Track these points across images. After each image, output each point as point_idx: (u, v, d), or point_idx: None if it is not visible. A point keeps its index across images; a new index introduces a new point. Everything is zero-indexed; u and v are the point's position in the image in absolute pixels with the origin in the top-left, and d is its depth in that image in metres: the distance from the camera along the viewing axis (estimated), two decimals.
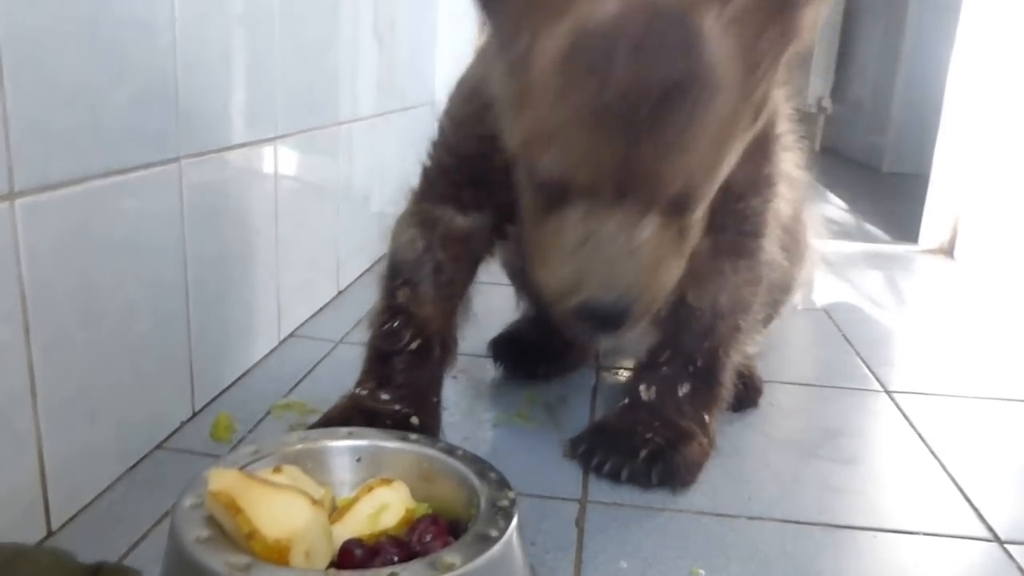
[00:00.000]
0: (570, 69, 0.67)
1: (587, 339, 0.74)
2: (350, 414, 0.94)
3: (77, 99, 0.76)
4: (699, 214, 0.76)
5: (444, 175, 0.95)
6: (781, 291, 1.12)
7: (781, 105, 0.93)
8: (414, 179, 1.01)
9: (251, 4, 1.11)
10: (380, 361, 0.98)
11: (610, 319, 0.72)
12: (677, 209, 0.72)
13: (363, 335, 1.02)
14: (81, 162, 0.78)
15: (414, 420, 0.94)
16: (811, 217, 1.20)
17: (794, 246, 1.08)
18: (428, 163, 0.98)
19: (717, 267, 0.92)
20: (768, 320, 1.16)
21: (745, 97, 0.70)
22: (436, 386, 1.00)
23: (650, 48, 0.65)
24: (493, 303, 1.25)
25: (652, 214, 0.70)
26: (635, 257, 0.71)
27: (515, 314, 1.31)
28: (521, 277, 1.21)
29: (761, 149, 0.89)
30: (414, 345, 0.96)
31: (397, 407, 0.95)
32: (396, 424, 0.92)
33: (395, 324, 0.97)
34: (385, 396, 0.96)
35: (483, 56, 0.91)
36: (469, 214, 0.96)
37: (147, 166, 0.88)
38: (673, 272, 0.77)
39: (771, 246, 0.98)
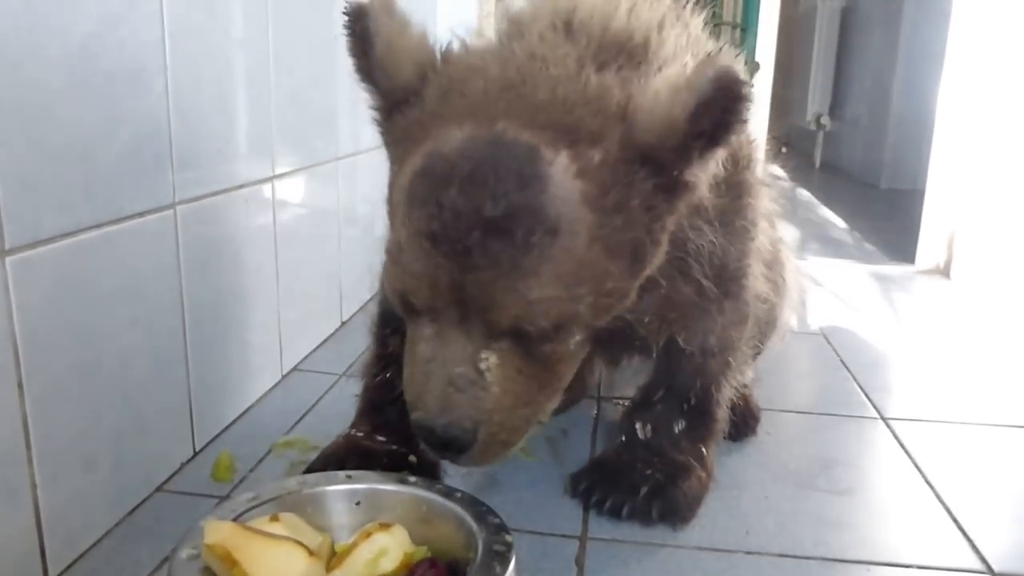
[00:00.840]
0: (413, 192, 0.68)
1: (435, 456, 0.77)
2: (347, 453, 0.95)
3: (68, 153, 0.78)
4: (563, 344, 0.74)
5: None
6: (767, 324, 1.13)
7: (753, 152, 0.94)
8: None
9: (245, 46, 1.13)
10: (374, 409, 0.99)
11: (442, 443, 0.72)
12: (524, 339, 0.70)
13: (357, 385, 1.03)
14: (73, 216, 0.79)
15: (412, 459, 0.95)
16: (789, 250, 1.21)
17: (776, 279, 1.09)
18: None
19: (704, 309, 0.93)
20: (756, 352, 1.17)
21: (602, 241, 0.68)
22: None
23: (485, 176, 0.65)
24: None
25: (497, 341, 0.70)
26: (474, 386, 0.70)
27: None
28: None
29: (733, 204, 0.89)
30: None
31: (394, 447, 0.95)
32: (393, 463, 0.93)
33: (388, 375, 0.98)
34: (381, 438, 0.96)
35: None
36: None
37: (141, 214, 0.90)
38: (535, 400, 0.75)
39: (755, 283, 0.99)
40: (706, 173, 0.72)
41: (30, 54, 0.72)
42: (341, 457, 0.94)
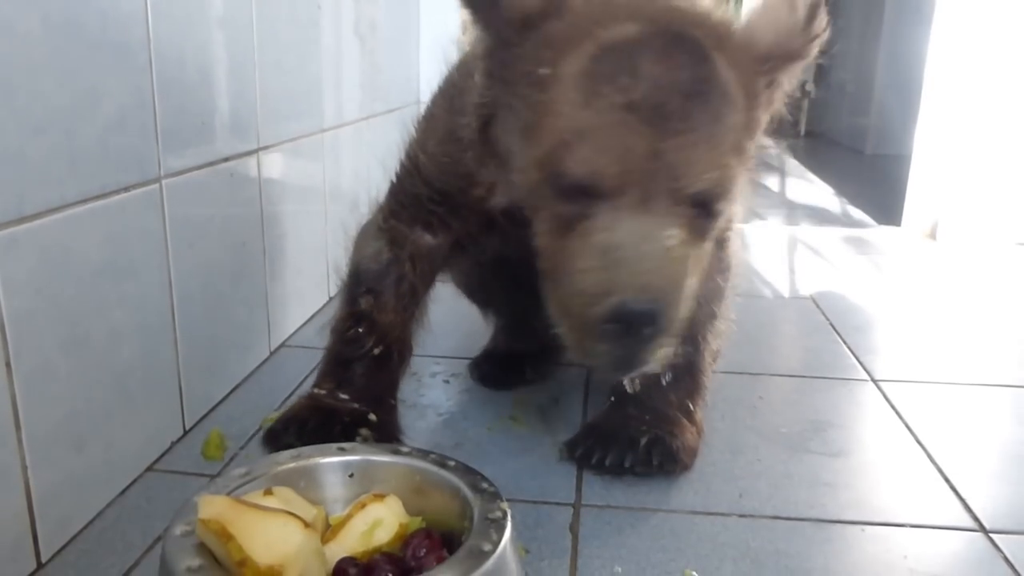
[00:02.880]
0: (599, 71, 0.71)
1: (611, 362, 0.75)
2: (308, 413, 0.96)
3: (51, 127, 0.76)
4: (718, 223, 0.77)
5: (417, 202, 0.97)
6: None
7: None
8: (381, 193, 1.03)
9: (228, 17, 1.11)
10: (340, 365, 1.00)
11: (643, 321, 0.70)
12: (702, 209, 0.73)
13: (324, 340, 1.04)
14: (57, 190, 0.77)
15: (372, 417, 0.96)
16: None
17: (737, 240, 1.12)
18: (398, 185, 1.00)
19: None
20: None
21: (748, 117, 0.75)
22: (393, 389, 1.02)
23: (676, 53, 0.71)
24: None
25: (678, 216, 0.71)
26: (666, 261, 0.71)
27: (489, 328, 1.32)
28: (481, 292, 1.24)
29: None
30: (376, 351, 0.99)
31: (355, 406, 0.96)
32: (354, 421, 0.94)
33: (359, 330, 0.99)
34: (344, 396, 0.98)
35: (453, 99, 0.94)
36: (437, 235, 0.99)
37: (127, 189, 0.88)
38: (693, 283, 0.76)
39: (736, 237, 1.01)
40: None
41: (11, 26, 0.70)
42: (302, 418, 0.95)
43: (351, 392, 0.98)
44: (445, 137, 0.93)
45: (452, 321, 1.09)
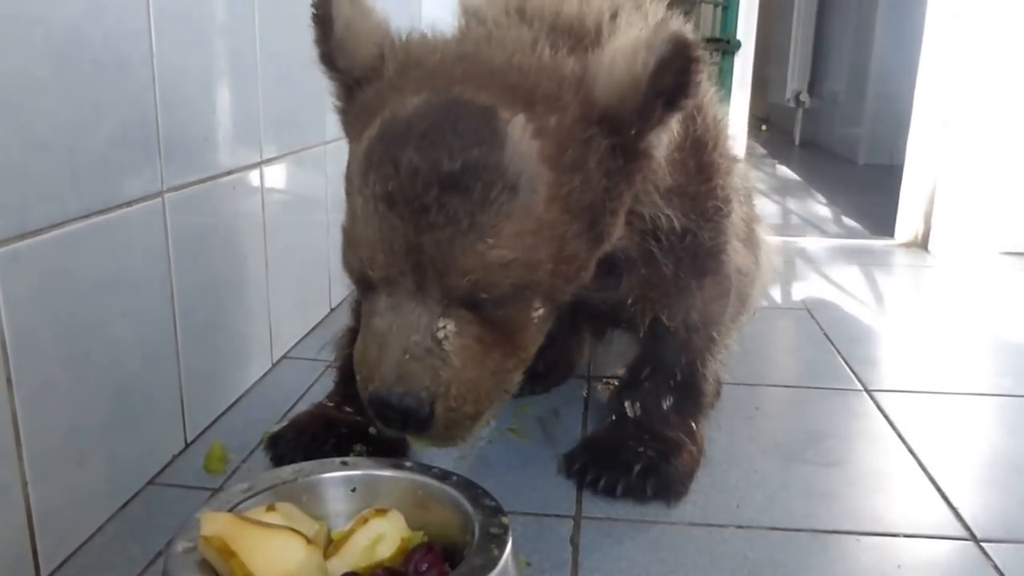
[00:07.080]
0: (370, 157, 0.68)
1: (393, 432, 0.74)
2: (309, 421, 0.98)
3: (54, 143, 0.77)
4: (523, 312, 0.72)
5: None
6: (744, 297, 1.14)
7: (722, 132, 0.94)
8: None
9: (230, 31, 1.11)
10: (345, 380, 1.02)
11: (398, 418, 0.70)
12: (483, 306, 0.69)
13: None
14: (60, 206, 0.78)
15: (372, 431, 0.96)
16: (763, 228, 1.23)
17: (752, 253, 1.10)
18: None
19: (684, 287, 0.93)
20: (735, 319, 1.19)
21: (561, 201, 0.68)
22: None
23: (442, 135, 0.65)
24: None
25: (455, 308, 0.68)
26: (431, 355, 0.68)
27: None
28: None
29: (704, 187, 0.89)
30: None
31: (358, 419, 0.97)
32: (352, 434, 0.95)
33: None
34: (349, 408, 0.99)
35: None
36: None
37: (129, 203, 0.89)
38: (500, 370, 0.73)
39: (735, 256, 0.99)
40: (662, 143, 0.73)
41: (14, 43, 0.71)
42: (302, 427, 0.98)
43: (355, 405, 0.98)
44: None
45: None
